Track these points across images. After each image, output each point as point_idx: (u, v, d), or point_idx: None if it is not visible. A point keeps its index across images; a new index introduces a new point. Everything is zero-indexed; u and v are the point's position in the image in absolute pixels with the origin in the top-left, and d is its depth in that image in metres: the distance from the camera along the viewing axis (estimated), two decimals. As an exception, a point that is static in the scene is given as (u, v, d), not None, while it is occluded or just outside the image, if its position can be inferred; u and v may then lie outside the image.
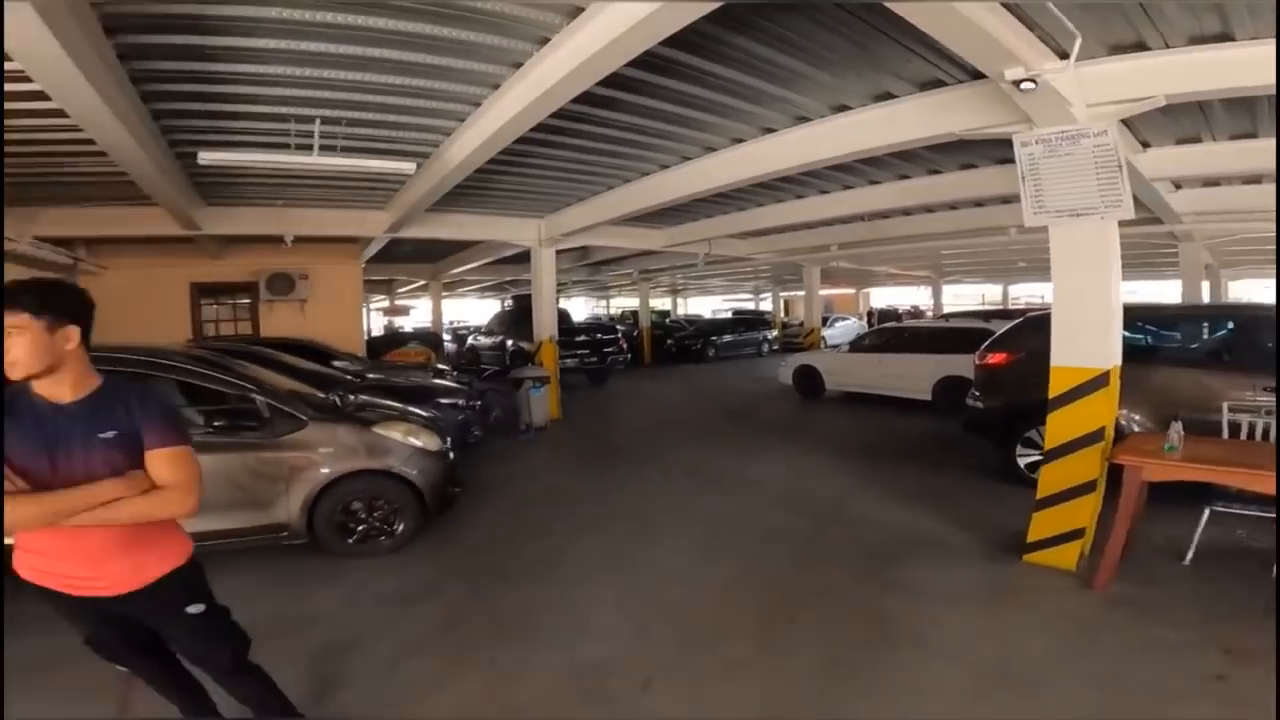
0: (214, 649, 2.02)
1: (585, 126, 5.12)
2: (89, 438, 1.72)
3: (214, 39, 3.34)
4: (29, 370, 1.68)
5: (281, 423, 3.81)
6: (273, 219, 7.75)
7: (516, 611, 3.40)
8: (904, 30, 3.12)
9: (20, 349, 1.65)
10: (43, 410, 1.72)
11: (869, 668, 2.82)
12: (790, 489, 5.60)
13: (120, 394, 1.81)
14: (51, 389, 1.74)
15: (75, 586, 1.80)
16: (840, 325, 22.13)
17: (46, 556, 1.78)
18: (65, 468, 1.70)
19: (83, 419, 1.74)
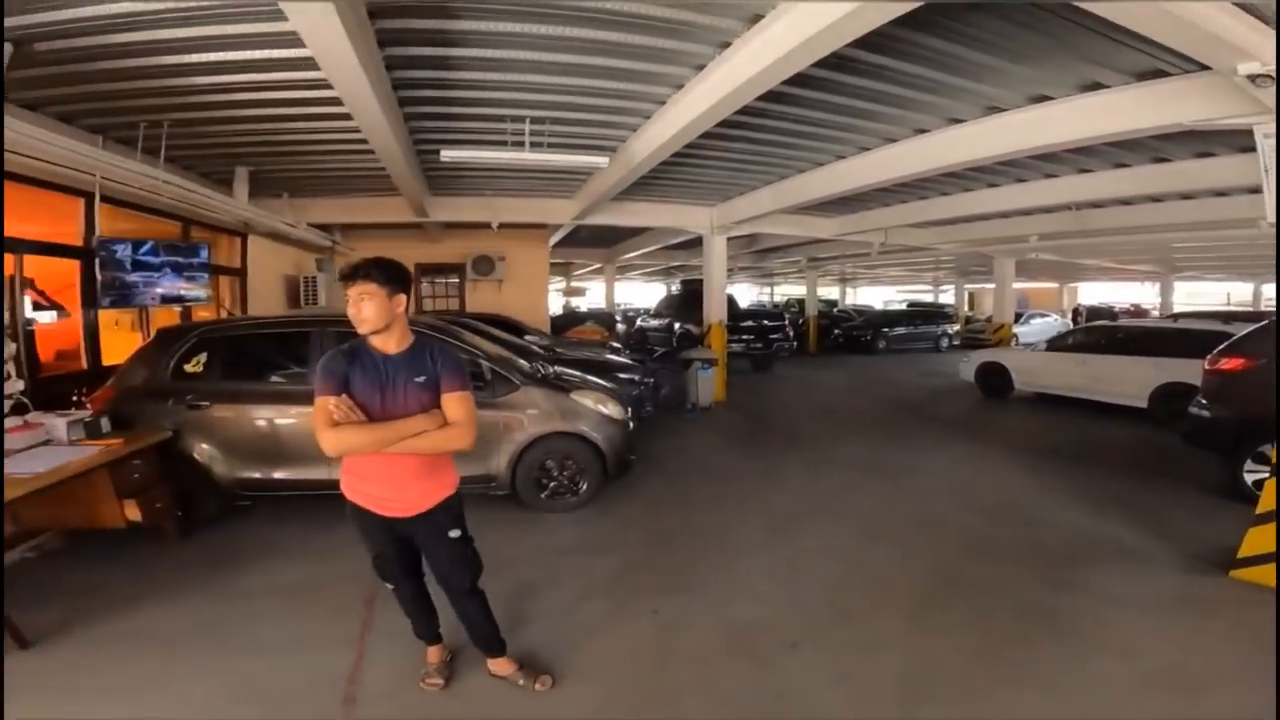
0: (460, 570, 2.46)
1: (761, 120, 5.29)
2: (408, 381, 2.24)
3: (456, 50, 3.93)
4: (373, 327, 2.19)
5: (500, 385, 4.48)
6: (482, 207, 8.85)
7: (680, 571, 3.77)
8: (1109, 24, 2.98)
9: (370, 310, 2.17)
10: (376, 359, 2.24)
11: (1022, 657, 2.84)
12: (963, 484, 5.46)
13: (427, 348, 2.31)
14: (382, 343, 2.25)
15: (380, 506, 2.30)
16: (1037, 322, 19.99)
17: (365, 480, 2.29)
18: (390, 403, 2.22)
19: (403, 366, 2.25)
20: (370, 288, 2.17)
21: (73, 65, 3.80)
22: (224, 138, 5.49)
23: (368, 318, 2.18)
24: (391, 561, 2.45)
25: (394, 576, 2.50)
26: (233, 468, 4.20)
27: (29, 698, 2.51)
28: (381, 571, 2.51)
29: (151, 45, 3.63)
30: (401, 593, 2.56)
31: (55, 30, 3.35)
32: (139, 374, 4.30)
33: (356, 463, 2.29)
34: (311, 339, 4.31)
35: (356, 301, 2.18)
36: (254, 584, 3.54)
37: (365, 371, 2.22)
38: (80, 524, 3.79)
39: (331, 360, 2.23)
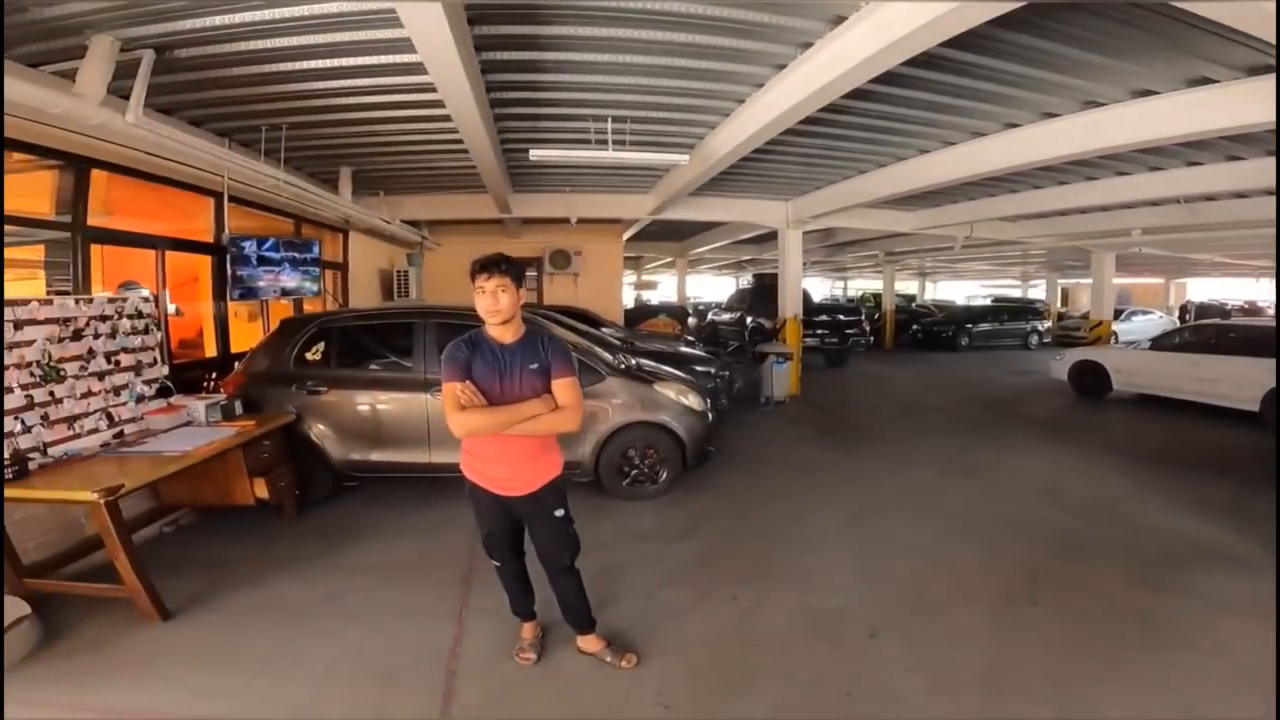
0: (561, 547, 2.65)
1: (841, 116, 5.26)
2: (523, 368, 2.45)
3: (545, 54, 4.11)
4: (505, 317, 2.41)
5: (586, 375, 4.64)
6: (561, 203, 9.14)
7: (758, 559, 3.87)
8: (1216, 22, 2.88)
9: (506, 301, 2.38)
10: (495, 348, 2.45)
11: (1112, 656, 2.82)
12: (1054, 485, 5.31)
13: (538, 337, 2.52)
14: (501, 333, 2.46)
15: (497, 485, 2.52)
16: (1139, 319, 18.70)
17: (485, 460, 2.51)
18: (507, 388, 2.43)
19: (519, 355, 2.46)
20: (506, 281, 2.38)
21: (205, 72, 4.12)
22: (332, 139, 5.90)
23: (504, 308, 2.39)
24: (501, 540, 2.66)
25: (501, 554, 2.70)
26: (345, 450, 4.57)
27: (172, 667, 2.76)
28: (489, 549, 2.72)
29: (273, 52, 3.91)
30: (505, 570, 2.75)
31: (192, 38, 3.65)
32: (265, 361, 4.74)
33: (477, 444, 2.49)
34: (416, 330, 4.65)
35: (495, 293, 2.37)
36: (363, 559, 3.85)
37: (485, 359, 2.43)
38: (215, 501, 4.13)
39: (455, 349, 2.44)
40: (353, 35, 3.76)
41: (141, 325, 4.17)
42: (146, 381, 4.16)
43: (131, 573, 3.03)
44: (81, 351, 3.71)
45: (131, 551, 3.04)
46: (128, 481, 3.02)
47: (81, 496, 2.92)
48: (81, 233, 4.31)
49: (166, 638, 3.01)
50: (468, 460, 2.57)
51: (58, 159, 4.14)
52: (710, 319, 17.28)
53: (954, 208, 9.42)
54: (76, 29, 3.41)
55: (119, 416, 3.90)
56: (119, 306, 4.01)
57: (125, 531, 3.07)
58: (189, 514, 4.41)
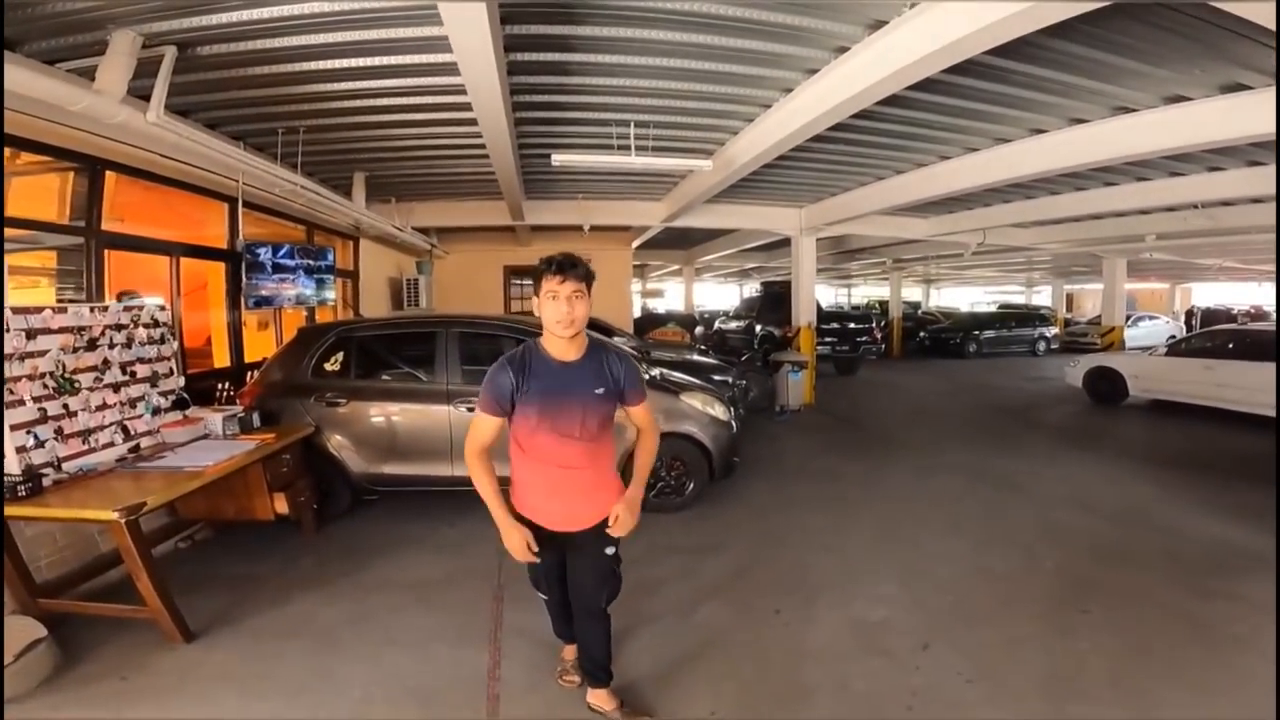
0: (601, 588, 2.35)
1: (865, 122, 5.18)
2: (589, 393, 2.12)
3: (573, 55, 4.00)
4: (580, 327, 2.06)
5: None
6: (574, 210, 9.06)
7: (795, 571, 3.77)
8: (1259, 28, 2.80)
9: (581, 311, 2.03)
10: (554, 367, 2.09)
11: (1175, 659, 2.78)
12: (1081, 492, 5.23)
13: (602, 354, 2.18)
14: (563, 349, 2.09)
15: (549, 521, 2.22)
16: (1146, 325, 18.66)
17: (538, 495, 2.21)
18: (567, 418, 2.09)
19: (583, 376, 2.12)
20: (582, 287, 2.03)
21: (225, 71, 4.01)
22: (348, 143, 5.81)
23: (578, 319, 2.04)
24: (550, 571, 2.39)
25: (550, 586, 2.44)
26: (364, 463, 4.45)
27: (203, 691, 2.64)
28: (536, 582, 2.48)
29: (297, 50, 3.78)
30: (552, 600, 2.51)
31: (216, 34, 3.54)
32: (282, 371, 4.63)
33: (526, 477, 2.23)
34: (437, 339, 4.54)
35: (570, 300, 2.01)
36: (391, 576, 3.73)
37: (542, 381, 2.09)
38: (233, 516, 3.99)
39: (501, 373, 2.09)
40: (383, 33, 3.64)
41: (158, 335, 4.05)
42: (163, 393, 4.04)
43: (154, 593, 2.91)
44: (96, 362, 3.59)
45: (154, 571, 2.93)
46: (150, 499, 2.90)
47: (101, 516, 2.79)
48: (96, 238, 4.21)
49: (193, 660, 2.89)
50: (519, 495, 2.28)
51: (71, 160, 4.04)
52: (717, 327, 17.20)
53: (968, 214, 9.37)
54: (98, 23, 3.30)
55: (135, 430, 3.77)
56: (135, 315, 3.89)
57: (147, 550, 2.96)
58: (205, 529, 4.29)
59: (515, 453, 2.21)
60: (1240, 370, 7.94)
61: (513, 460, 2.24)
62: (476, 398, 2.18)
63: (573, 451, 2.15)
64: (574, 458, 2.16)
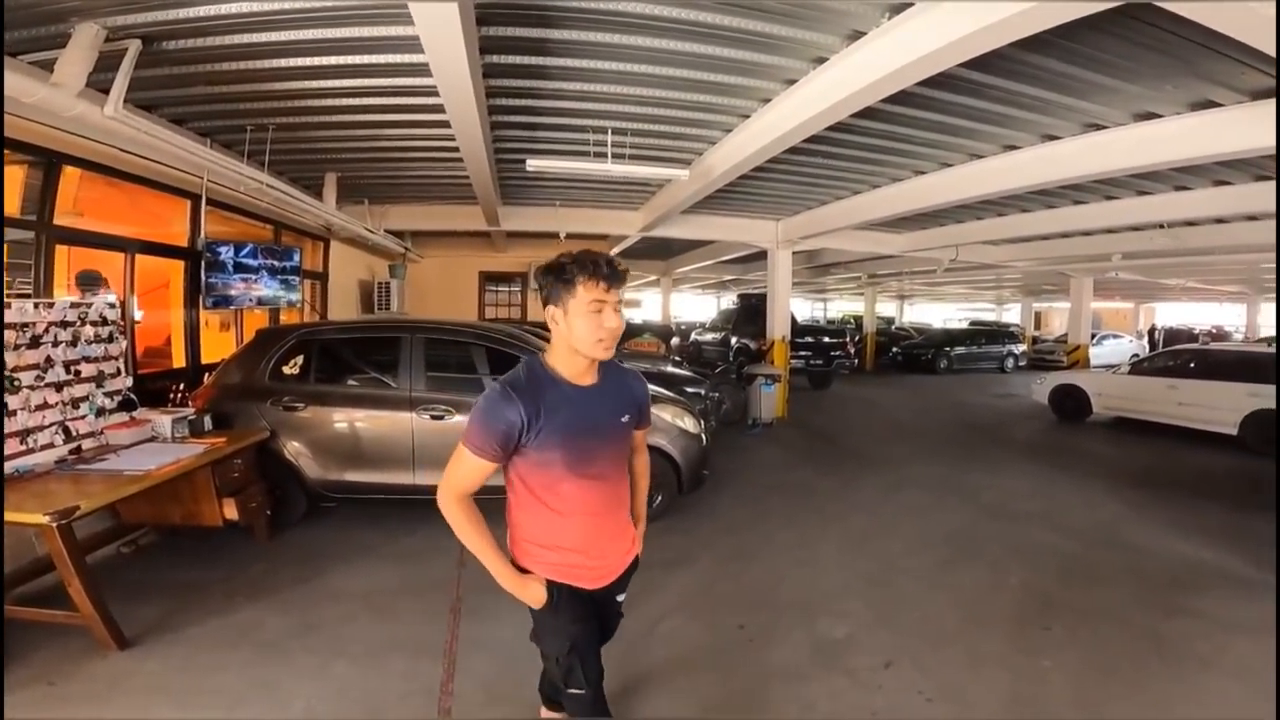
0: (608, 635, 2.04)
1: (843, 135, 5.19)
2: (614, 421, 1.74)
3: (550, 60, 3.96)
4: (615, 343, 1.63)
5: None
6: (550, 217, 8.97)
7: (761, 587, 3.72)
8: (1232, 44, 2.82)
9: (618, 321, 1.60)
10: (569, 392, 1.66)
11: (1137, 679, 2.77)
12: (1048, 508, 5.27)
13: (618, 374, 1.81)
14: (582, 370, 1.68)
15: (584, 576, 1.78)
16: (1110, 343, 19.11)
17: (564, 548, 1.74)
18: (596, 452, 1.70)
19: (606, 401, 1.73)
20: (617, 294, 1.61)
21: (192, 66, 3.91)
22: (319, 143, 5.69)
23: (615, 330, 1.62)
24: (587, 652, 1.81)
25: (590, 673, 1.81)
26: (322, 469, 4.31)
27: (133, 700, 2.53)
28: (570, 672, 1.79)
29: (268, 47, 3.70)
30: (585, 700, 1.80)
31: (183, 28, 3.45)
32: (239, 374, 4.47)
33: (554, 537, 1.73)
34: (402, 344, 4.42)
35: (616, 311, 1.61)
36: (344, 586, 3.61)
37: (567, 411, 1.64)
38: (180, 521, 3.87)
39: (502, 406, 1.59)
40: (356, 31, 3.56)
41: (105, 333, 3.88)
42: (109, 393, 3.88)
43: (86, 599, 2.79)
44: (38, 360, 3.42)
45: (86, 577, 2.80)
46: (84, 503, 2.76)
47: (31, 519, 2.66)
48: (47, 232, 4.04)
49: (126, 668, 2.77)
50: (532, 551, 1.75)
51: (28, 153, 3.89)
52: (694, 339, 17.19)
53: (941, 230, 9.50)
54: (61, 16, 3.20)
55: (77, 431, 3.61)
56: (82, 312, 3.73)
57: (79, 556, 2.82)
58: (149, 534, 4.13)
59: (528, 504, 1.72)
60: (1202, 389, 8.13)
61: (523, 512, 1.74)
62: (441, 405, 1.96)
63: (606, 495, 1.76)
64: (608, 501, 1.78)
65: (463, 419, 4.14)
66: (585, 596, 1.79)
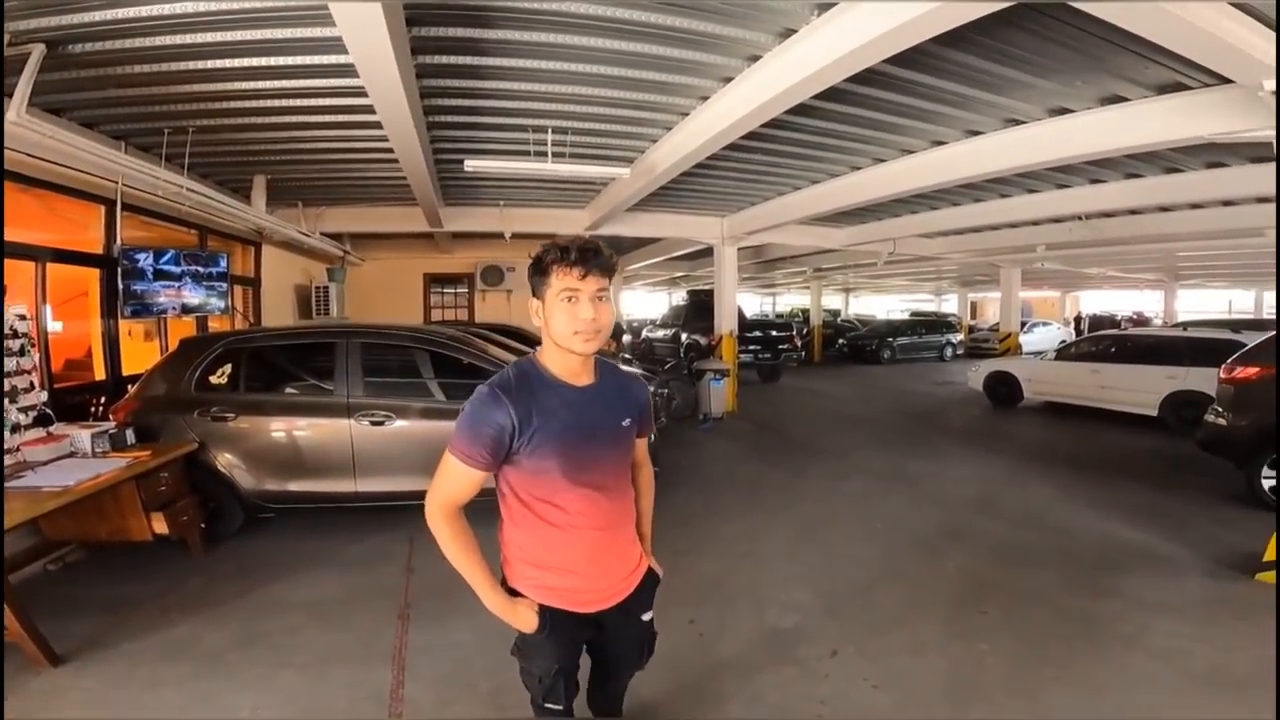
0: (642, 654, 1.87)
1: (781, 131, 5.30)
2: (616, 424, 1.61)
3: (486, 59, 3.93)
4: (605, 340, 1.51)
5: None
6: (495, 217, 8.86)
7: (712, 581, 3.76)
8: (1138, 40, 2.97)
9: (608, 315, 1.47)
10: (566, 394, 1.53)
11: (1067, 660, 2.87)
12: (984, 493, 5.48)
13: (617, 376, 1.68)
14: (577, 369, 1.55)
15: (586, 600, 1.64)
16: (1039, 331, 20.09)
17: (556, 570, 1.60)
18: (598, 459, 1.57)
19: (603, 403, 1.59)
20: (607, 285, 1.48)
21: (102, 69, 3.77)
22: (245, 145, 5.51)
23: (605, 326, 1.49)
24: (569, 675, 1.72)
25: (569, 694, 1.74)
26: (258, 480, 4.17)
27: (69, 715, 2.46)
28: (550, 689, 1.69)
29: (182, 49, 3.60)
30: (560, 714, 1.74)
31: (90, 32, 3.34)
32: (162, 385, 4.27)
33: (550, 554, 1.59)
34: (337, 350, 4.29)
35: (594, 301, 1.46)
36: (285, 596, 3.52)
37: (563, 415, 1.51)
38: (107, 537, 3.74)
39: (489, 408, 1.46)
40: (275, 33, 3.48)
41: (16, 346, 3.66)
42: (23, 409, 3.66)
43: (12, 617, 2.69)
44: (-62, 377, 3.20)
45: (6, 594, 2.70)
46: None
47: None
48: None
49: (61, 684, 2.68)
50: (524, 572, 1.62)
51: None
52: (645, 336, 17.26)
53: (879, 224, 9.78)
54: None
55: (-13, 449, 3.38)
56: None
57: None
58: (76, 551, 3.96)
59: (522, 519, 1.58)
60: (1122, 373, 8.59)
61: (517, 528, 1.60)
62: (381, 411, 1.76)
63: (609, 508, 1.61)
64: (611, 515, 1.62)
65: (405, 424, 4.13)
66: (580, 619, 1.66)
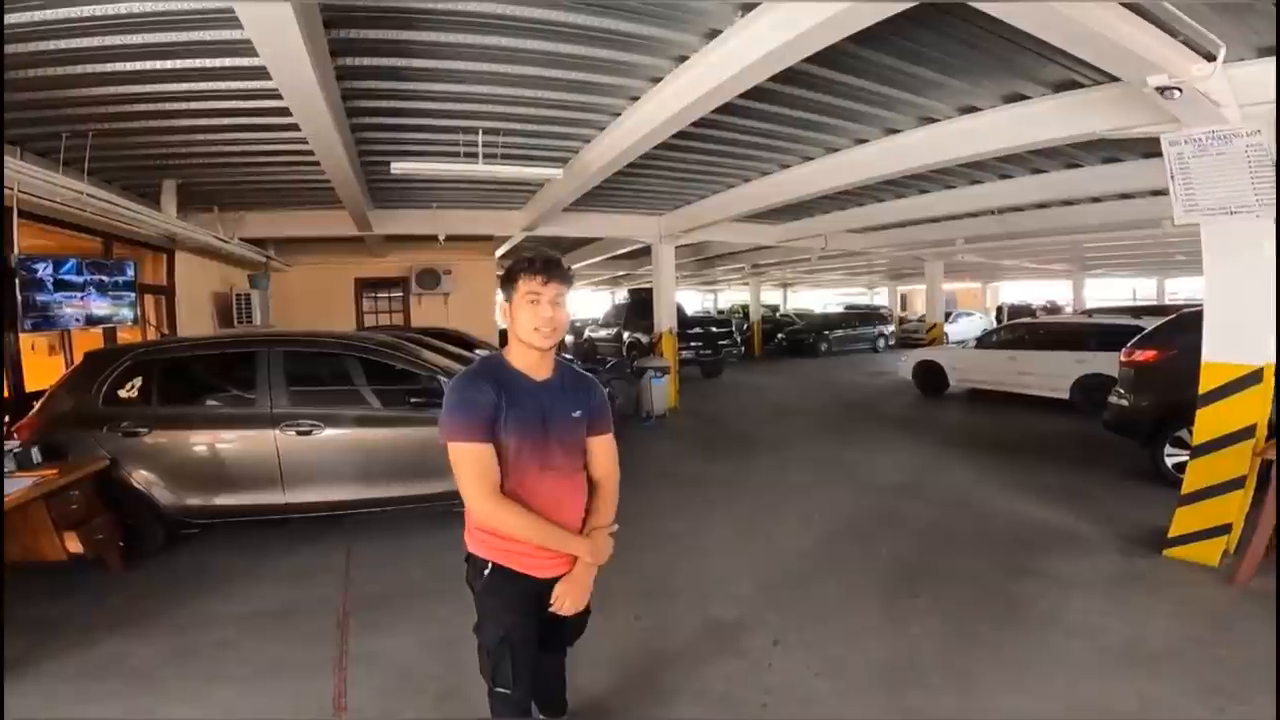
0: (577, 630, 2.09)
1: (711, 130, 5.36)
2: (566, 415, 1.82)
3: (410, 61, 3.84)
4: (560, 338, 1.78)
5: None
6: (428, 219, 8.65)
7: (656, 576, 3.79)
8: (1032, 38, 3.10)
9: (563, 316, 1.75)
10: (528, 386, 1.77)
11: (994, 641, 2.99)
12: (914, 480, 5.72)
13: (574, 377, 1.91)
14: (537, 364, 1.79)
15: (538, 564, 1.82)
16: (964, 321, 21.08)
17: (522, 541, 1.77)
18: (551, 445, 1.78)
19: (560, 397, 1.82)
20: (564, 291, 1.75)
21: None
22: (152, 149, 5.22)
23: (560, 328, 1.76)
24: (520, 648, 1.82)
25: (519, 671, 1.82)
26: (178, 495, 3.96)
27: None
28: (498, 665, 1.81)
29: (79, 53, 3.41)
30: (512, 701, 1.84)
31: None
32: (68, 400, 4.01)
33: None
34: (259, 359, 4.12)
35: (552, 304, 1.72)
36: (215, 611, 3.39)
37: (520, 403, 1.74)
38: (18, 558, 3.49)
39: (474, 388, 1.71)
40: (182, 35, 3.31)
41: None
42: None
43: None
44: None
45: None
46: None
47: None
48: None
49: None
50: (492, 540, 1.80)
51: None
52: (587, 335, 17.23)
53: (811, 221, 10.03)
54: None
55: None
56: None
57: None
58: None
59: None
60: (1036, 359, 9.12)
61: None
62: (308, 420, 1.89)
63: (561, 489, 1.83)
64: (563, 495, 1.84)
65: (335, 433, 4.01)
66: (528, 588, 1.83)
